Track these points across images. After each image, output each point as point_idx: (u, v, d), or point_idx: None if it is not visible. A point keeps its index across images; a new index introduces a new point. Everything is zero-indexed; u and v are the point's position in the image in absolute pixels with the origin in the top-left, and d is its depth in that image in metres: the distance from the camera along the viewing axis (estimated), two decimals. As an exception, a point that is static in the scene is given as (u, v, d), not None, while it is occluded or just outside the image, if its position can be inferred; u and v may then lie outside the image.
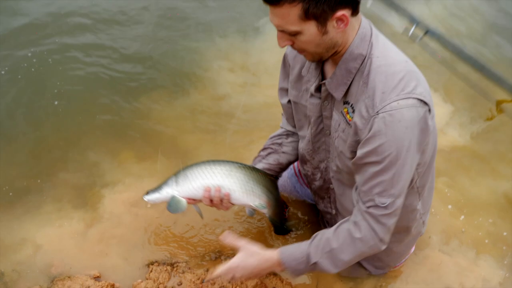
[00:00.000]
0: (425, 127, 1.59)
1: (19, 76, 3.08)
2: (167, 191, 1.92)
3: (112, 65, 3.24)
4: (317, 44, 1.57)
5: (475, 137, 3.02)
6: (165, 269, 2.17)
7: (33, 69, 3.13)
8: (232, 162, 1.96)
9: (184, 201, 1.91)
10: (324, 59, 1.66)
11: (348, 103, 1.69)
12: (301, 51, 1.63)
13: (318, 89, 1.78)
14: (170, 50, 3.44)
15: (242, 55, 3.47)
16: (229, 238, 1.83)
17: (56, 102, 2.95)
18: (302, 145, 2.04)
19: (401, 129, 1.55)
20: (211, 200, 1.92)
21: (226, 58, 3.44)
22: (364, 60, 1.62)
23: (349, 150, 1.73)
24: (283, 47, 1.62)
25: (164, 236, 2.33)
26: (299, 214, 2.49)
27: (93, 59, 3.26)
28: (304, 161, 2.10)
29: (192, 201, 1.94)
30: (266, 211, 2.03)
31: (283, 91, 2.02)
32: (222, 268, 1.78)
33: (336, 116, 1.77)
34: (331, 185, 2.05)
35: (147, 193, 1.95)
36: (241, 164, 1.97)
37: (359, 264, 2.21)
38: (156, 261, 2.22)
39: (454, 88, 3.25)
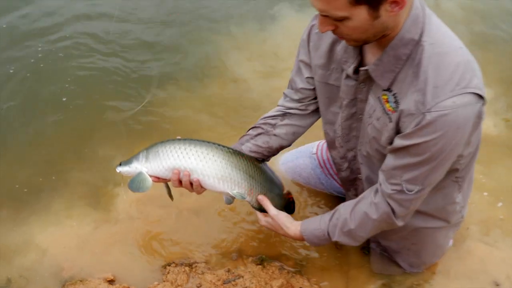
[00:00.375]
0: (478, 121, 1.49)
1: (28, 74, 2.98)
2: (136, 166, 1.77)
3: (124, 58, 3.12)
4: (365, 30, 1.39)
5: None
6: (183, 270, 2.03)
7: (41, 65, 3.02)
8: (211, 143, 1.78)
9: (149, 181, 1.75)
10: (368, 43, 1.49)
11: (390, 91, 1.52)
12: (343, 36, 1.45)
13: (355, 71, 1.60)
14: (185, 41, 3.31)
15: (259, 44, 3.31)
16: (265, 202, 1.86)
17: (64, 99, 2.84)
18: (332, 129, 1.87)
19: (453, 130, 1.43)
20: (180, 183, 1.77)
21: (243, 47, 3.30)
22: (415, 46, 1.44)
23: (384, 139, 1.59)
24: (324, 32, 1.45)
25: (181, 235, 2.18)
26: (326, 210, 2.32)
27: (103, 52, 3.14)
28: (332, 147, 1.95)
29: (161, 180, 1.79)
30: (249, 199, 1.85)
31: (304, 64, 1.81)
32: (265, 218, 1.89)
33: (372, 100, 1.61)
34: (359, 175, 1.92)
35: (120, 164, 1.80)
36: (221, 146, 1.79)
37: (392, 261, 2.06)
38: (173, 262, 2.08)
39: (489, 71, 3.03)
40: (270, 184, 1.91)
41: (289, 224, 1.84)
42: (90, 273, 2.04)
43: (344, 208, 1.76)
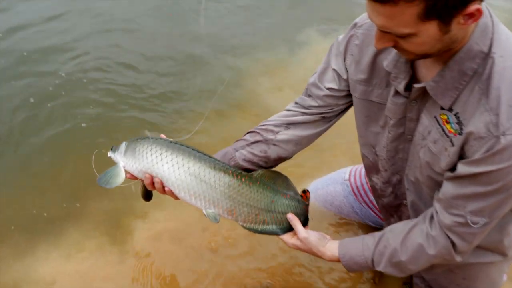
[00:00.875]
0: None
1: (49, 105, 2.90)
2: (116, 157, 1.60)
3: (145, 84, 3.04)
4: (432, 46, 1.21)
5: None
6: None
7: (63, 92, 2.95)
8: (194, 151, 1.55)
9: (121, 178, 1.56)
10: (428, 58, 1.31)
11: (451, 111, 1.33)
12: (403, 51, 1.28)
13: (407, 87, 1.43)
14: (211, 68, 3.22)
15: (288, 72, 3.20)
16: (294, 222, 1.64)
17: (84, 124, 2.74)
18: (372, 152, 1.68)
19: None
20: (153, 186, 1.58)
21: (271, 74, 3.18)
22: (484, 60, 1.25)
23: (442, 164, 1.39)
24: (380, 48, 1.29)
25: (199, 272, 2.01)
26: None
27: (123, 78, 3.07)
28: (373, 171, 1.74)
29: (137, 178, 1.61)
30: (234, 219, 1.59)
31: (337, 74, 1.62)
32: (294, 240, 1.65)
33: (426, 120, 1.41)
34: (404, 201, 1.71)
35: (112, 148, 1.63)
36: (204, 156, 1.55)
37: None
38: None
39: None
40: (268, 202, 1.61)
41: (322, 247, 1.62)
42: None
43: (393, 236, 1.54)
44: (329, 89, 1.63)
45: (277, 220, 1.63)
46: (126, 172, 1.58)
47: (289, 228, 1.64)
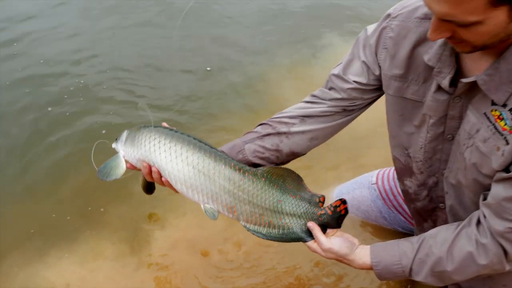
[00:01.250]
0: None
1: (67, 113, 2.87)
2: (117, 147, 1.52)
3: (171, 87, 2.98)
4: (495, 35, 1.11)
5: None
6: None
7: (81, 99, 2.91)
8: (195, 140, 1.43)
9: (122, 169, 1.48)
10: (485, 49, 1.20)
11: (505, 106, 1.22)
12: (458, 42, 1.17)
13: (451, 82, 1.32)
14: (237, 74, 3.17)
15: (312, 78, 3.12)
16: (315, 231, 1.48)
17: (104, 131, 2.70)
18: (405, 153, 1.57)
19: None
20: (152, 177, 1.49)
21: (295, 78, 3.11)
22: None
23: (494, 165, 1.27)
24: (435, 40, 1.20)
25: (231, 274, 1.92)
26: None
27: (145, 84, 3.01)
28: (406, 175, 1.63)
29: (136, 169, 1.52)
30: (234, 217, 1.45)
31: (367, 67, 1.51)
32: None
33: (473, 118, 1.30)
34: (440, 205, 1.59)
35: (116, 139, 1.55)
36: (205, 145, 1.43)
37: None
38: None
39: None
40: (274, 201, 1.45)
41: (352, 255, 1.47)
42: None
43: (435, 243, 1.39)
44: (355, 82, 1.53)
45: (285, 224, 1.47)
46: (126, 161, 1.50)
47: (300, 235, 1.48)
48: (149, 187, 1.54)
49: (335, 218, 1.48)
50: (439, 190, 1.56)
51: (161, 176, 1.45)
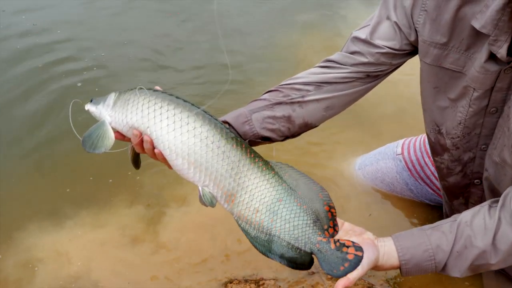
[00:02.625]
0: None
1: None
2: (101, 110, 1.31)
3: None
4: None
5: None
6: (248, 287, 1.64)
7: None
8: (200, 109, 1.24)
9: (111, 138, 1.27)
10: None
11: None
12: None
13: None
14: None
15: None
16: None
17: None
18: (436, 130, 1.47)
19: None
20: (142, 147, 1.29)
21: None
22: None
23: None
24: None
25: (244, 246, 1.78)
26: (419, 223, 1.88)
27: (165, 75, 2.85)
28: (439, 151, 1.53)
29: (126, 139, 1.32)
30: (228, 208, 1.26)
31: (399, 29, 1.38)
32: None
33: None
34: (475, 181, 1.50)
35: (91, 100, 1.35)
36: (213, 118, 1.25)
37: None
38: (236, 279, 1.69)
39: None
40: (274, 199, 1.23)
41: (375, 261, 1.23)
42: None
43: (474, 233, 1.23)
44: (385, 46, 1.40)
45: (274, 228, 1.21)
46: (114, 130, 1.29)
47: (289, 253, 1.20)
48: (137, 159, 1.35)
49: (334, 257, 1.18)
50: (475, 166, 1.46)
51: (153, 147, 1.25)
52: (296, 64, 2.87)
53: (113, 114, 1.28)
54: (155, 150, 1.25)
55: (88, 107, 1.34)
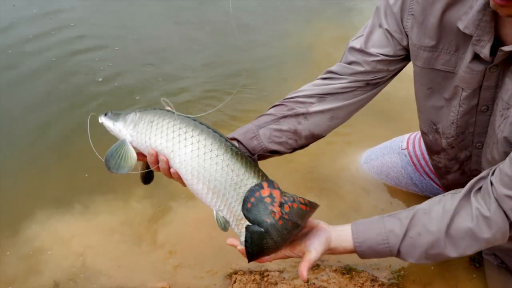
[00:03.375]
0: None
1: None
2: (120, 128, 1.32)
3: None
4: None
5: None
6: (252, 278, 1.67)
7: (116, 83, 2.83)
8: (223, 138, 1.26)
9: (133, 157, 1.28)
10: None
11: None
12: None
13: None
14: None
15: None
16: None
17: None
18: (433, 128, 1.49)
19: None
20: (157, 166, 1.31)
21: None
22: None
23: None
24: (503, 4, 1.07)
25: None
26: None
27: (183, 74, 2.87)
28: (434, 151, 1.55)
29: (145, 159, 1.33)
30: (237, 231, 1.25)
31: (391, 36, 1.41)
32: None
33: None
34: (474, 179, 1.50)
35: (106, 114, 1.36)
36: (237, 149, 1.26)
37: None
38: (241, 270, 1.73)
39: None
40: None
41: (326, 242, 1.27)
42: (142, 282, 1.72)
43: (430, 221, 1.24)
44: (380, 54, 1.42)
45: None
46: (134, 149, 1.30)
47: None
48: (148, 177, 1.37)
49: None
50: (472, 163, 1.49)
51: (169, 167, 1.28)
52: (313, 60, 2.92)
53: (135, 134, 1.29)
54: (171, 170, 1.27)
55: (103, 120, 1.35)
